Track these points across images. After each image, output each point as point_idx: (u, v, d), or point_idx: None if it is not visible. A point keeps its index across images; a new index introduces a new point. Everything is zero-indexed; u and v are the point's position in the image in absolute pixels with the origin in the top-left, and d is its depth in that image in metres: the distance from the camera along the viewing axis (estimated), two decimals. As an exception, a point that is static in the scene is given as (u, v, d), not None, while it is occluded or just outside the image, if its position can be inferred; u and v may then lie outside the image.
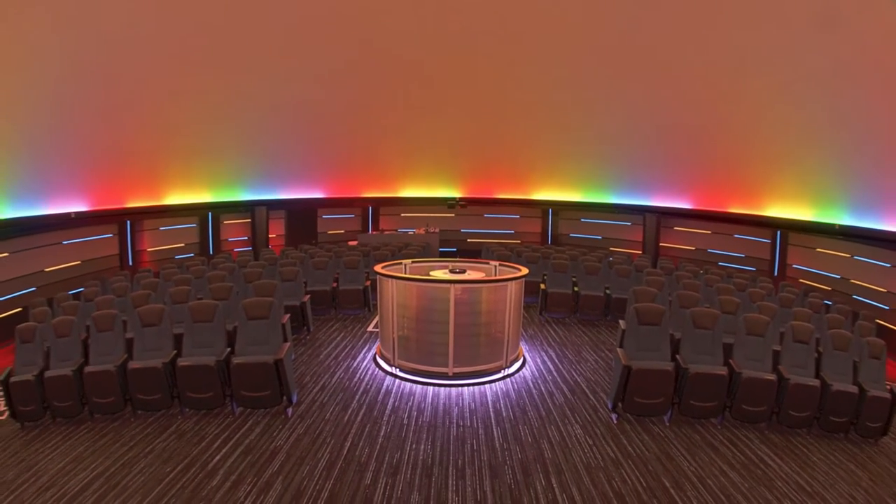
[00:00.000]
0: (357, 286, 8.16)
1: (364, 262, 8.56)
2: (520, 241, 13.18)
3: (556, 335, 7.41)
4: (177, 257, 10.73)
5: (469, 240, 13.58)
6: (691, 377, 4.65)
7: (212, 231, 11.67)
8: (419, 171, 12.91)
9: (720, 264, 10.62)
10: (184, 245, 11.36)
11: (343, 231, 13.59)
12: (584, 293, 7.88)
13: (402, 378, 5.74)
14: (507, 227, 13.69)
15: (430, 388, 5.49)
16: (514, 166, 12.60)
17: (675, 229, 11.77)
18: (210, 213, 11.54)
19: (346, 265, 8.40)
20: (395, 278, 5.91)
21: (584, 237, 13.02)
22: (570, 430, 4.67)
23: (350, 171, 12.65)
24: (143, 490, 3.73)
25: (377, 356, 6.36)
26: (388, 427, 4.67)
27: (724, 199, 10.36)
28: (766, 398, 4.62)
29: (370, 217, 13.68)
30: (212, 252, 11.51)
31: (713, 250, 11.18)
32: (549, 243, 12.98)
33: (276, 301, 5.36)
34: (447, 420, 4.81)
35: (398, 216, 13.81)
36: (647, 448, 4.40)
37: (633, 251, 11.58)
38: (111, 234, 9.75)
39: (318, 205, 13.04)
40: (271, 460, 4.12)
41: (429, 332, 5.75)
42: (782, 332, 5.27)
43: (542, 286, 8.17)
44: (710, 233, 11.23)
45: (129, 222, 9.96)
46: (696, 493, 3.78)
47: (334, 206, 13.32)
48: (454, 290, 5.59)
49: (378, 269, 6.21)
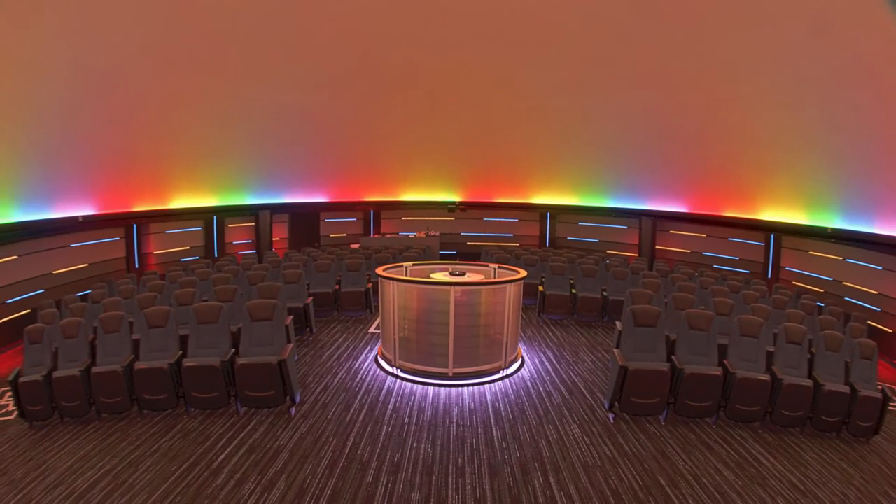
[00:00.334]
0: (359, 288, 8.24)
1: (366, 265, 8.63)
2: (518, 244, 13.28)
3: (554, 336, 7.48)
4: (182, 260, 10.80)
5: (469, 243, 13.70)
6: (686, 377, 4.72)
7: (216, 234, 11.75)
8: (420, 175, 13.01)
9: (715, 267, 10.74)
10: (189, 248, 11.42)
11: (345, 234, 13.68)
12: (581, 295, 7.96)
13: (402, 378, 5.81)
14: (505, 230, 13.79)
15: (431, 389, 5.56)
16: (513, 171, 12.70)
17: (671, 232, 11.86)
18: (215, 217, 11.61)
19: (348, 268, 8.49)
20: (397, 280, 6.00)
21: (582, 240, 13.12)
22: (567, 429, 4.73)
23: (352, 175, 12.74)
24: (149, 488, 3.79)
25: (378, 357, 6.43)
26: (390, 426, 4.74)
27: (719, 203, 10.43)
28: (760, 398, 4.68)
29: (372, 221, 13.76)
30: (216, 255, 11.58)
31: (708, 253, 11.26)
32: (547, 246, 13.07)
33: (279, 303, 5.43)
34: (447, 420, 4.88)
35: (399, 220, 13.91)
36: (644, 447, 4.46)
37: (629, 254, 11.66)
38: (118, 238, 9.82)
39: (320, 208, 13.11)
40: (275, 459, 4.18)
41: (429, 333, 5.82)
42: (776, 334, 5.34)
43: (541, 288, 8.24)
44: (704, 236, 11.31)
45: (135, 226, 10.03)
46: (691, 491, 3.85)
47: (336, 210, 13.40)
48: (454, 292, 5.67)
49: (379, 271, 6.28)
